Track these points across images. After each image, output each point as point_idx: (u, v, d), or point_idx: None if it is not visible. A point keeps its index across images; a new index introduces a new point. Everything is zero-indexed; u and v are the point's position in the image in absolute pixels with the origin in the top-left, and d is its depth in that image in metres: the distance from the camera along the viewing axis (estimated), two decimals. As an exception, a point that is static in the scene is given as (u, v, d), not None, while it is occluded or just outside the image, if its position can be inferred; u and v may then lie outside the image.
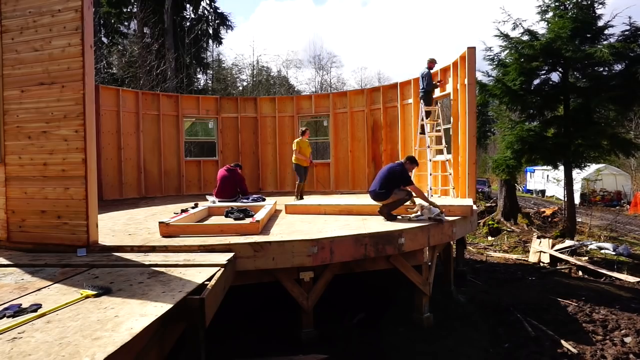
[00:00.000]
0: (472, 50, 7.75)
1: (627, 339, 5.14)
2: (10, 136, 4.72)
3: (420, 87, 9.19)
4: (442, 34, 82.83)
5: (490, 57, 11.44)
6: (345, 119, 11.76)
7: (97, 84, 10.55)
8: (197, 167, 11.92)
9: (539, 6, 11.42)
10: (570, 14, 10.52)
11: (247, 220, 5.43)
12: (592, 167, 21.79)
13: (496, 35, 11.14)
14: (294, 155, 9.02)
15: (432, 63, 9.20)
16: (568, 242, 9.90)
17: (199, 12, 23.57)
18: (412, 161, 6.28)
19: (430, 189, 8.64)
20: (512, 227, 13.66)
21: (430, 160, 8.85)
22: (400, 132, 10.66)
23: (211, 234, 4.96)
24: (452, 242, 7.29)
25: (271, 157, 12.31)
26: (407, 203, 6.14)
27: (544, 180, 29.97)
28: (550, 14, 11.14)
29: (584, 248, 10.07)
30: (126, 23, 22.31)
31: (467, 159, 8.11)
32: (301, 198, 8.75)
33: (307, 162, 9.07)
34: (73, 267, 3.88)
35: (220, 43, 25.23)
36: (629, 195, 25.42)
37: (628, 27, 10.20)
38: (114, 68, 20.97)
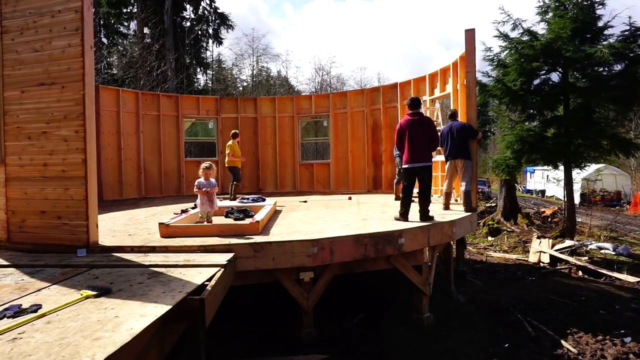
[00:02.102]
0: (471, 51, 7.73)
1: (627, 339, 5.14)
2: (11, 137, 4.72)
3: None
4: (442, 34, 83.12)
5: (490, 57, 11.43)
6: (345, 119, 11.76)
7: (97, 85, 10.57)
8: (197, 168, 11.80)
9: (539, 6, 11.42)
10: (570, 14, 10.52)
11: (247, 221, 5.44)
12: (592, 167, 21.79)
13: (496, 36, 11.12)
14: (227, 158, 9.33)
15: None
16: (568, 242, 9.90)
17: (199, 13, 23.59)
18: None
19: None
20: (512, 227, 13.66)
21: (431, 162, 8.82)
22: (400, 132, 10.65)
23: (211, 234, 4.96)
24: (452, 242, 7.29)
25: (271, 157, 12.32)
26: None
27: (544, 180, 29.98)
28: (550, 14, 11.13)
29: (584, 248, 10.07)
30: (126, 23, 22.35)
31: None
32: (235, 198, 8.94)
33: (239, 162, 9.44)
34: (73, 268, 3.88)
35: (220, 43, 25.28)
36: (629, 195, 25.42)
37: (628, 27, 10.20)
38: (114, 69, 20.99)
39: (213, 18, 24.18)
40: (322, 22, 79.99)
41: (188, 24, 23.06)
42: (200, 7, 23.59)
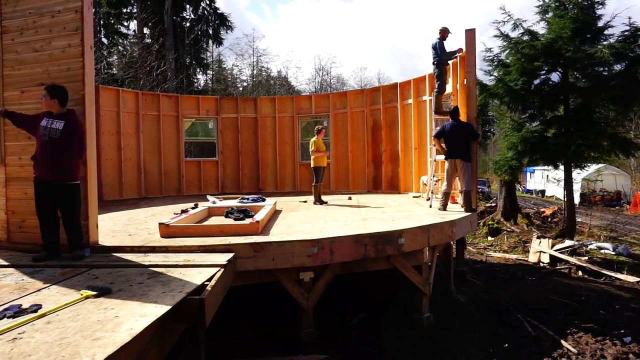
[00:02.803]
0: (471, 51, 7.73)
1: (627, 339, 5.14)
2: (11, 137, 4.72)
3: (433, 59, 8.17)
4: (424, 29, 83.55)
5: (490, 57, 11.43)
6: (345, 119, 11.76)
7: (97, 85, 10.57)
8: (197, 168, 11.93)
9: (539, 6, 11.42)
10: (570, 14, 10.52)
11: (247, 221, 5.44)
12: (592, 167, 21.79)
13: (496, 36, 11.12)
14: (312, 157, 8.44)
15: (445, 32, 8.09)
16: (568, 242, 9.90)
17: (199, 13, 23.57)
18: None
19: (432, 192, 8.63)
20: (512, 227, 13.66)
21: (434, 161, 8.81)
22: (400, 132, 10.66)
23: (211, 234, 4.96)
24: (452, 242, 7.29)
25: (271, 157, 12.32)
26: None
27: (544, 180, 29.98)
28: (551, 14, 11.13)
29: (584, 248, 10.07)
30: (126, 23, 22.34)
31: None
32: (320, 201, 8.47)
33: (325, 160, 8.62)
34: (73, 268, 3.88)
35: (220, 43, 25.24)
36: (629, 195, 25.41)
37: (628, 28, 10.19)
38: (114, 69, 20.99)
39: (213, 18, 24.16)
40: (300, 21, 79.56)
41: (188, 24, 23.04)
42: (200, 7, 23.58)
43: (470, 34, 7.40)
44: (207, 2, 23.70)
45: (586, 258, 9.17)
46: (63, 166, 4.14)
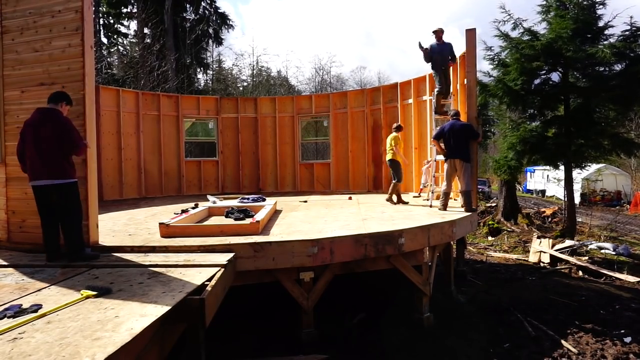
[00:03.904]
0: (471, 50, 7.73)
1: (627, 339, 5.14)
2: (11, 137, 4.72)
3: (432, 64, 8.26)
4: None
5: (491, 56, 11.44)
6: (345, 119, 11.76)
7: (97, 85, 10.57)
8: (197, 168, 11.93)
9: (540, 5, 11.42)
10: (571, 14, 10.52)
11: (247, 221, 5.44)
12: (593, 167, 21.79)
13: (496, 35, 11.13)
14: (389, 154, 8.13)
15: (440, 32, 8.20)
16: (568, 242, 9.89)
17: (200, 13, 23.58)
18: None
19: (432, 192, 8.63)
20: (512, 227, 13.66)
21: (434, 161, 8.81)
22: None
23: (211, 234, 4.96)
24: (452, 242, 7.29)
25: (271, 157, 12.32)
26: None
27: (544, 180, 29.98)
28: (552, 13, 11.13)
29: (584, 248, 10.07)
30: (126, 23, 22.37)
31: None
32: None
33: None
34: (73, 268, 3.88)
35: (220, 43, 25.28)
36: (629, 195, 25.41)
37: (628, 27, 10.20)
38: (114, 69, 21.00)
39: (213, 18, 24.18)
40: (266, 20, 77.67)
41: (188, 24, 23.04)
42: (201, 7, 23.59)
43: (471, 34, 7.39)
44: (208, 2, 23.71)
45: (586, 258, 9.17)
46: (56, 167, 4.07)
